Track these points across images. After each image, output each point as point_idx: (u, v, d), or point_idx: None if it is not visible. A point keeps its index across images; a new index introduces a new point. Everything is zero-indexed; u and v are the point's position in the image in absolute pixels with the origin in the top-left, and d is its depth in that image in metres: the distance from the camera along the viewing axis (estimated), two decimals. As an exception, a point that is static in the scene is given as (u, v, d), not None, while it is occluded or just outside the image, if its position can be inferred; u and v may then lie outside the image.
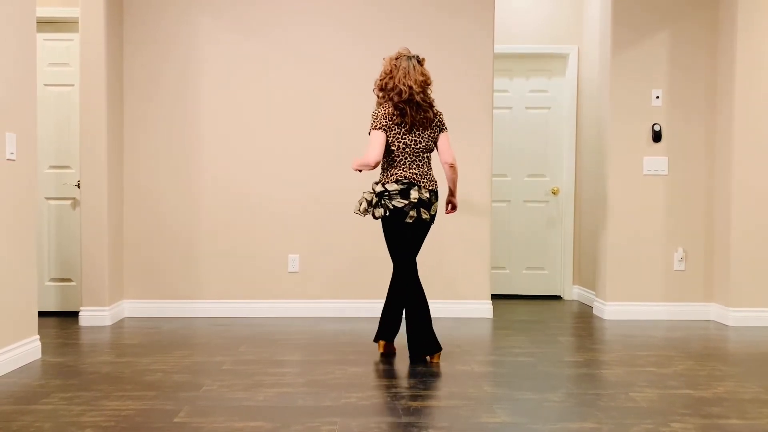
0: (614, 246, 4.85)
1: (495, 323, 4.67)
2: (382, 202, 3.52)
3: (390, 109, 3.52)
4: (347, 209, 4.78)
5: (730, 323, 4.62)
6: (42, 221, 4.78)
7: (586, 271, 5.57)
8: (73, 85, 4.76)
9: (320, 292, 4.85)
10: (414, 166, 3.54)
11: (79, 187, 4.65)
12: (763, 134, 4.62)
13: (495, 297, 5.57)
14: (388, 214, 3.52)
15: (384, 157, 3.58)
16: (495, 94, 5.55)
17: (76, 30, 4.66)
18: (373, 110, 3.62)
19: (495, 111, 5.61)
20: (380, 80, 3.57)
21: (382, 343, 3.73)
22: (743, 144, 4.61)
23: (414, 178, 3.52)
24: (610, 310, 4.86)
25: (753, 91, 4.60)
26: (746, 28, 4.57)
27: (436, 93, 4.80)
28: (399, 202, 3.49)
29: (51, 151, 4.80)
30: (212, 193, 4.83)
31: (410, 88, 3.46)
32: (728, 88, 4.67)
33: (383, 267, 4.79)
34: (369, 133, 3.56)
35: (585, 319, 4.90)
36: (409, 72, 3.49)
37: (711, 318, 4.84)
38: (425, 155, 3.57)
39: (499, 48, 5.47)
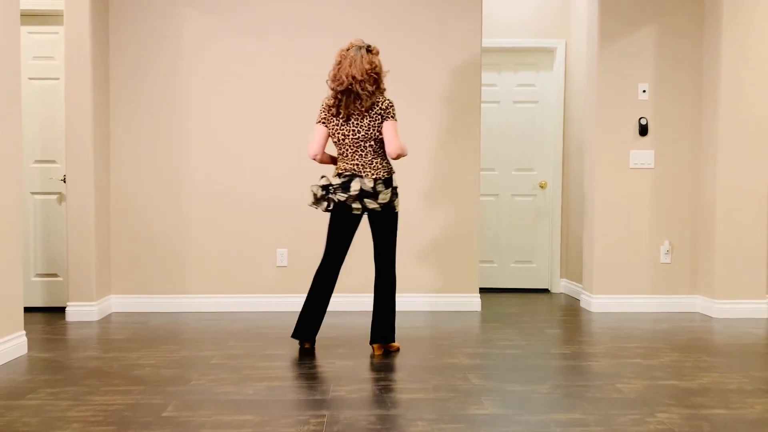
0: (601, 239, 4.89)
1: (483, 316, 4.69)
2: (328, 195, 3.51)
3: (331, 101, 3.52)
4: (335, 203, 4.78)
5: (714, 315, 4.67)
6: (28, 216, 4.75)
7: (574, 265, 5.60)
8: (58, 79, 4.72)
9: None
10: (356, 156, 3.49)
11: (65, 182, 4.62)
12: (749, 128, 4.66)
13: (483, 290, 5.59)
14: (332, 207, 3.52)
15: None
16: (483, 88, 5.56)
17: (60, 23, 4.61)
18: None
19: (483, 105, 5.62)
20: (331, 71, 3.52)
21: (375, 346, 3.59)
22: (728, 138, 4.65)
23: (355, 169, 3.49)
24: (597, 302, 4.89)
25: (738, 84, 4.63)
26: (732, 19, 4.61)
27: (425, 87, 4.81)
28: (341, 196, 3.47)
29: (36, 145, 4.76)
30: (200, 187, 4.81)
31: (352, 77, 3.40)
32: (714, 81, 4.71)
33: (371, 261, 4.79)
34: None
35: (572, 311, 4.93)
36: (355, 61, 3.42)
37: (696, 310, 4.89)
38: (368, 144, 3.47)
39: (487, 42, 5.48)
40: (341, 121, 3.49)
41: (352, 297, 4.82)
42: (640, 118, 4.84)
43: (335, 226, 3.61)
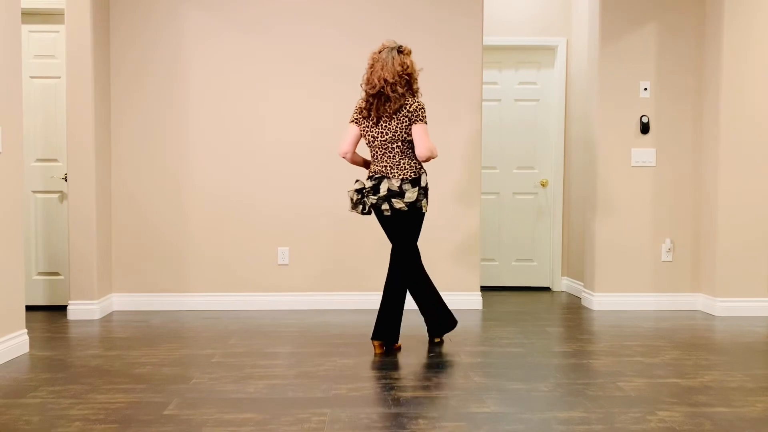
0: (603, 237, 4.88)
1: (485, 315, 4.69)
2: (363, 199, 3.57)
3: (363, 103, 3.57)
4: (337, 202, 4.78)
5: (716, 313, 4.67)
6: (29, 215, 4.75)
7: (575, 263, 5.60)
8: (59, 78, 4.72)
9: (310, 285, 4.85)
10: (385, 158, 3.53)
11: (66, 181, 4.62)
12: (750, 126, 4.65)
13: (484, 289, 5.59)
14: (367, 210, 3.58)
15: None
16: (484, 86, 5.56)
17: (61, 21, 4.61)
18: None
19: (484, 103, 5.62)
20: (364, 75, 3.57)
21: (376, 343, 3.59)
22: (730, 135, 4.64)
23: (383, 171, 3.53)
24: (599, 300, 4.89)
25: (740, 81, 4.62)
26: (733, 17, 4.60)
27: (426, 85, 4.80)
28: (372, 199, 3.53)
29: (38, 143, 4.76)
30: (201, 185, 4.81)
31: (384, 80, 3.43)
32: (715, 79, 4.70)
33: (373, 259, 4.80)
34: None
35: (574, 309, 4.93)
36: (386, 63, 3.46)
37: (698, 308, 4.88)
38: (395, 145, 3.50)
39: (488, 40, 5.48)
40: (371, 123, 3.53)
41: (353, 295, 4.82)
42: (642, 116, 4.83)
43: (383, 226, 3.67)
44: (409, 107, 3.47)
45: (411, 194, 3.48)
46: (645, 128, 4.82)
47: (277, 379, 3.09)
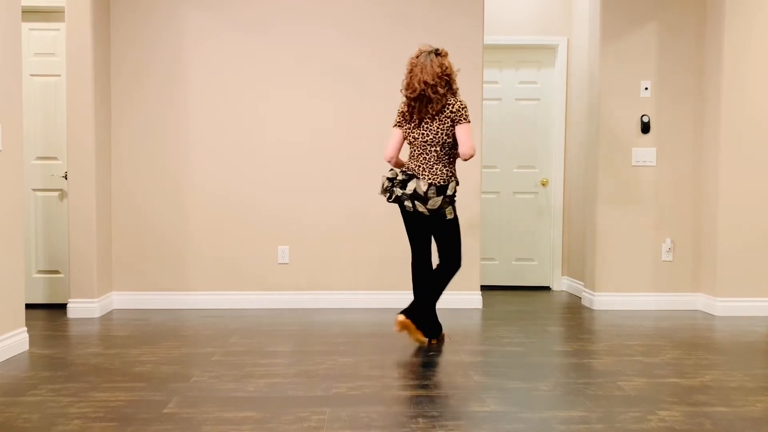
0: (603, 237, 4.88)
1: (485, 314, 4.69)
2: (393, 188, 3.65)
3: (405, 108, 3.65)
4: (337, 201, 4.78)
5: (716, 313, 4.67)
6: (29, 213, 4.75)
7: (575, 262, 5.59)
8: (59, 76, 4.72)
9: (310, 283, 4.85)
10: (420, 158, 3.61)
11: (66, 179, 4.62)
12: (750, 126, 4.65)
13: (484, 288, 5.59)
14: (392, 199, 3.66)
15: None
16: (485, 85, 5.55)
17: (62, 19, 4.61)
18: None
19: (484, 102, 5.62)
20: (403, 80, 3.63)
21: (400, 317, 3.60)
22: (730, 135, 4.64)
23: (415, 170, 3.61)
24: (599, 300, 4.89)
25: (740, 81, 4.62)
26: (734, 16, 4.59)
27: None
28: (398, 191, 3.62)
29: (38, 142, 4.76)
30: (201, 184, 4.81)
31: (425, 83, 3.49)
32: (716, 78, 4.69)
33: (374, 258, 4.80)
34: None
35: (574, 309, 4.93)
36: (425, 67, 3.51)
37: (698, 308, 4.88)
38: (433, 148, 3.58)
39: (489, 39, 5.48)
40: (413, 125, 3.61)
41: (353, 294, 4.82)
42: (642, 116, 4.83)
43: (404, 220, 3.75)
44: (452, 107, 3.54)
45: (434, 202, 3.56)
46: (645, 128, 4.82)
47: (277, 378, 3.09)
